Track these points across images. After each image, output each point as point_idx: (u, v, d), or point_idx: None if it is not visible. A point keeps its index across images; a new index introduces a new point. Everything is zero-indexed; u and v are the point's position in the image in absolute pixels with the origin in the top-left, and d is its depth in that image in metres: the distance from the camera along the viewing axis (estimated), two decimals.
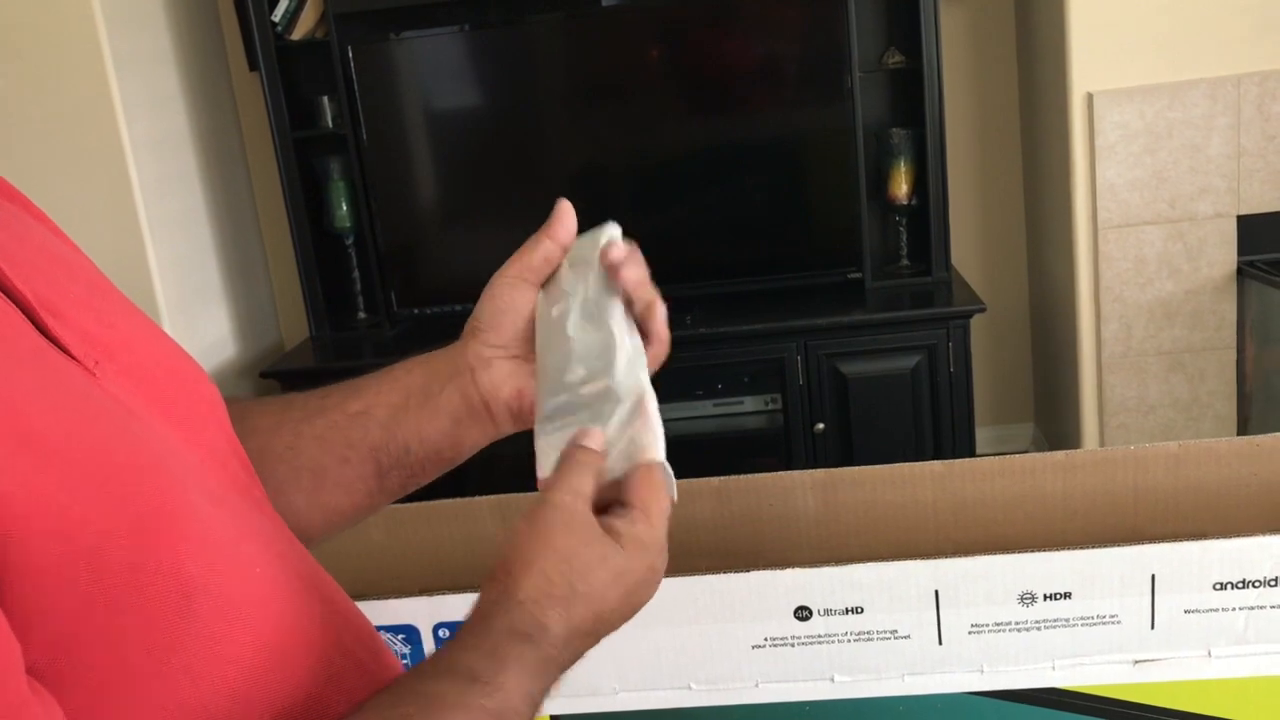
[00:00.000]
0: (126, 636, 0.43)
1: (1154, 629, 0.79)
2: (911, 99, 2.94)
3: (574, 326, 0.63)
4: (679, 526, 0.61)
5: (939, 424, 2.85)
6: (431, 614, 0.86)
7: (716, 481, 0.90)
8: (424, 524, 0.95)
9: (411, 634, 0.87)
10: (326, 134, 3.06)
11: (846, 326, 2.83)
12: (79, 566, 0.41)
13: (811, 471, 0.90)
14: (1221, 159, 2.71)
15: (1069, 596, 0.79)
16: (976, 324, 2.89)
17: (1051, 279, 3.11)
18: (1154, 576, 0.78)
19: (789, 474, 0.89)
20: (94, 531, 0.42)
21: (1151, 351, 2.84)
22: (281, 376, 2.99)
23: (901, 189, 2.98)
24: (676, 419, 2.97)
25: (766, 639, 0.81)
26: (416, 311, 3.07)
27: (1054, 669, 0.80)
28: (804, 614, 0.80)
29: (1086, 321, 2.86)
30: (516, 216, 3.15)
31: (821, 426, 2.87)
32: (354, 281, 3.21)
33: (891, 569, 0.79)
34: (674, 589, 0.81)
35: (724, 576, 0.80)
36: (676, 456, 0.61)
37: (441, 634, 0.87)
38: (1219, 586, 0.77)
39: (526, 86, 3.05)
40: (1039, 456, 0.89)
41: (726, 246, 3.03)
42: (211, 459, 0.55)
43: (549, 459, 0.61)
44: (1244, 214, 2.74)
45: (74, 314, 0.50)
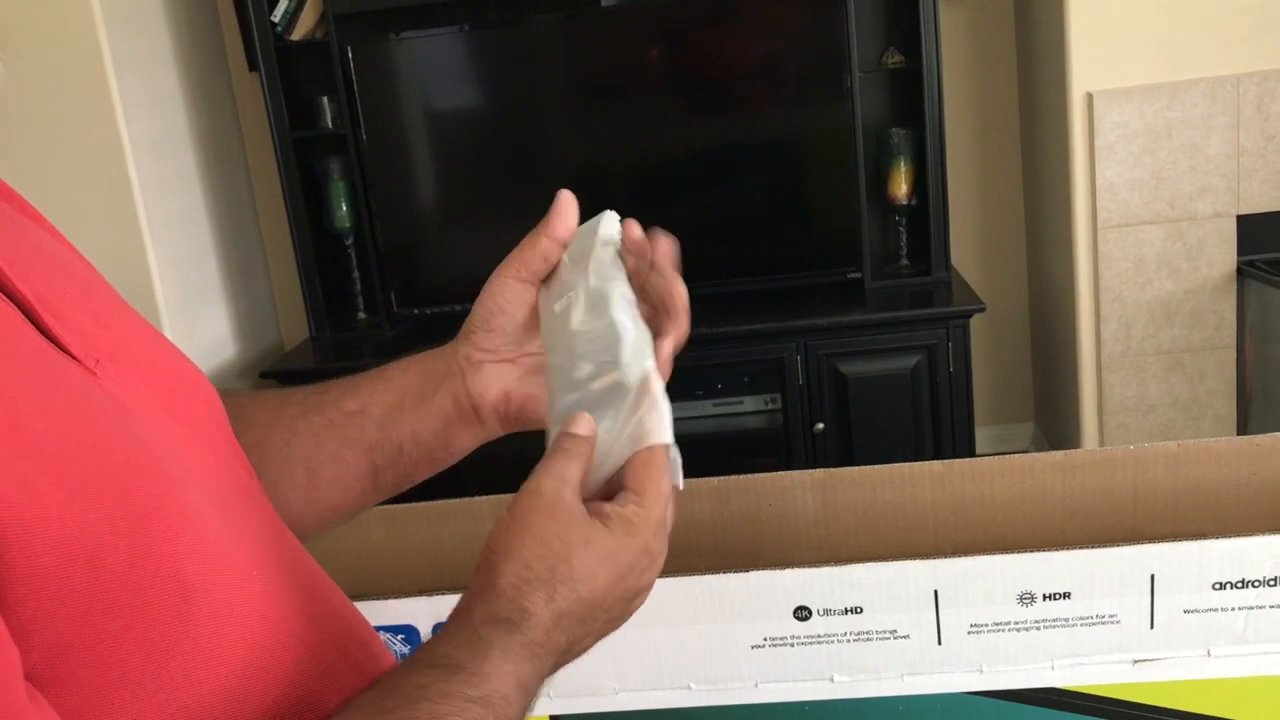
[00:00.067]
0: (124, 639, 0.43)
1: (1153, 629, 0.79)
2: (911, 99, 2.94)
3: (578, 321, 0.62)
4: (678, 526, 0.60)
5: (939, 424, 2.85)
6: (431, 614, 0.86)
7: (716, 481, 0.90)
8: (423, 524, 0.95)
9: (411, 634, 0.87)
10: (326, 134, 3.06)
11: (846, 326, 2.83)
12: (78, 569, 0.41)
13: (811, 471, 0.90)
14: (1221, 159, 2.71)
15: (1068, 596, 0.79)
16: (976, 324, 2.89)
17: (1051, 279, 3.11)
18: (1153, 576, 0.78)
19: (788, 474, 0.89)
20: (93, 534, 0.42)
21: (1151, 351, 2.84)
22: (281, 377, 2.99)
23: (901, 189, 2.98)
24: (676, 419, 2.92)
25: (766, 639, 0.81)
26: (416, 312, 3.07)
27: (1053, 669, 0.80)
28: (803, 614, 0.80)
29: (1086, 321, 2.86)
30: (516, 216, 3.14)
31: (821, 426, 2.87)
32: (354, 282, 3.21)
33: (891, 569, 0.79)
34: (673, 589, 0.81)
35: (723, 576, 0.80)
36: None
37: None
38: (1218, 586, 0.77)
39: (526, 86, 3.05)
40: (1038, 456, 0.89)
41: (726, 246, 3.03)
42: (211, 459, 0.54)
43: None
44: (1243, 214, 2.74)
45: (73, 314, 0.50)
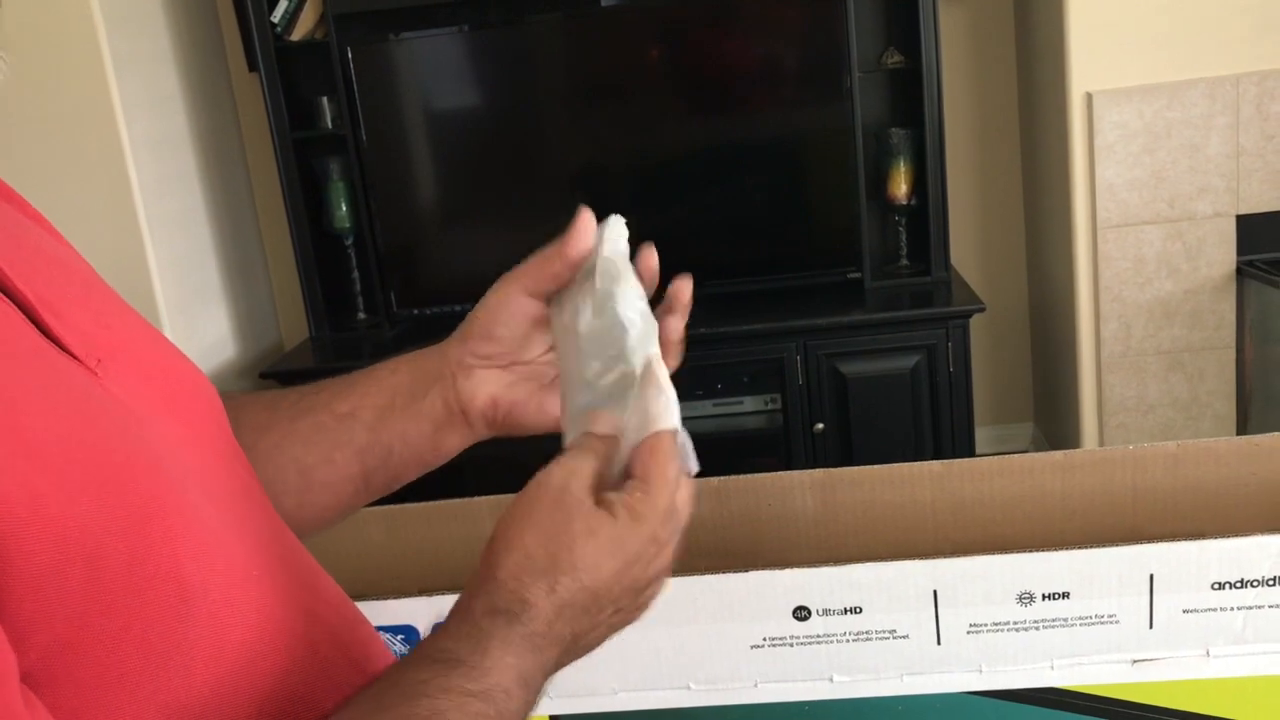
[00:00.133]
0: (123, 639, 0.43)
1: (1152, 629, 0.79)
2: (911, 99, 2.94)
3: (585, 324, 0.63)
4: None
5: (938, 424, 2.85)
6: (431, 614, 0.86)
7: (716, 481, 0.90)
8: (423, 524, 0.95)
9: (410, 634, 0.87)
10: (326, 134, 3.06)
11: (846, 326, 2.83)
12: (76, 569, 0.41)
13: (810, 471, 0.90)
14: (1220, 158, 2.71)
15: (1067, 596, 0.79)
16: (976, 324, 2.89)
17: (1051, 279, 3.11)
18: (1152, 576, 0.78)
19: (788, 474, 0.89)
20: (92, 534, 0.41)
21: (1151, 351, 2.84)
22: (281, 377, 2.99)
23: (901, 189, 2.98)
24: None
25: (765, 639, 0.81)
26: (416, 312, 3.07)
27: (1052, 669, 0.80)
28: (803, 614, 0.80)
29: (1086, 321, 2.86)
30: (516, 216, 3.17)
31: (821, 426, 2.87)
32: (353, 282, 3.21)
33: (890, 569, 0.79)
34: (673, 589, 0.81)
35: (723, 576, 0.80)
36: None
37: None
38: (1217, 586, 0.77)
39: (526, 87, 3.05)
40: (1037, 456, 0.89)
41: (726, 246, 3.03)
42: (211, 458, 0.54)
43: None
44: (1243, 213, 2.74)
45: (74, 314, 0.50)
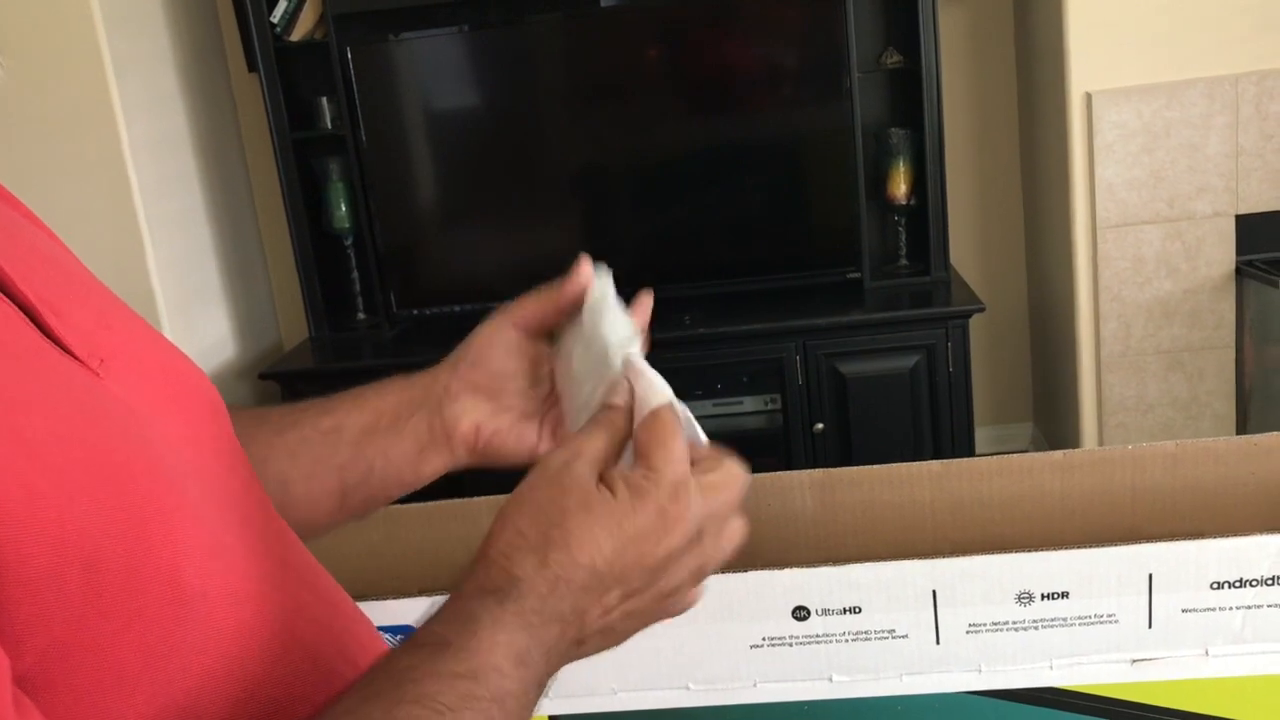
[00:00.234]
0: (121, 641, 0.42)
1: (1151, 628, 0.79)
2: (910, 99, 2.94)
3: (578, 358, 0.65)
4: None
5: (938, 424, 2.85)
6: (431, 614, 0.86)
7: None
8: (423, 524, 0.95)
9: (410, 634, 0.87)
10: (325, 135, 3.06)
11: (845, 326, 2.83)
12: (74, 571, 0.40)
13: (809, 471, 0.90)
14: (1220, 158, 2.71)
15: (1066, 596, 0.79)
16: (975, 324, 2.89)
17: (1050, 279, 3.11)
18: (1151, 576, 0.78)
19: (787, 474, 0.90)
20: (91, 535, 0.41)
21: (1150, 351, 2.84)
22: (280, 377, 2.99)
23: (900, 189, 2.98)
24: None
25: (764, 639, 0.81)
26: (416, 312, 3.07)
27: (1051, 668, 0.80)
28: (802, 614, 0.80)
29: (1085, 321, 2.86)
30: (516, 217, 3.18)
31: (820, 426, 2.87)
32: (353, 282, 3.21)
33: (889, 569, 0.79)
34: None
35: (722, 576, 0.80)
36: None
37: None
38: (1216, 586, 0.77)
39: (526, 87, 3.05)
40: (1036, 456, 0.89)
41: (725, 246, 3.03)
42: (213, 459, 0.54)
43: None
44: (1242, 213, 2.74)
45: (75, 314, 0.50)
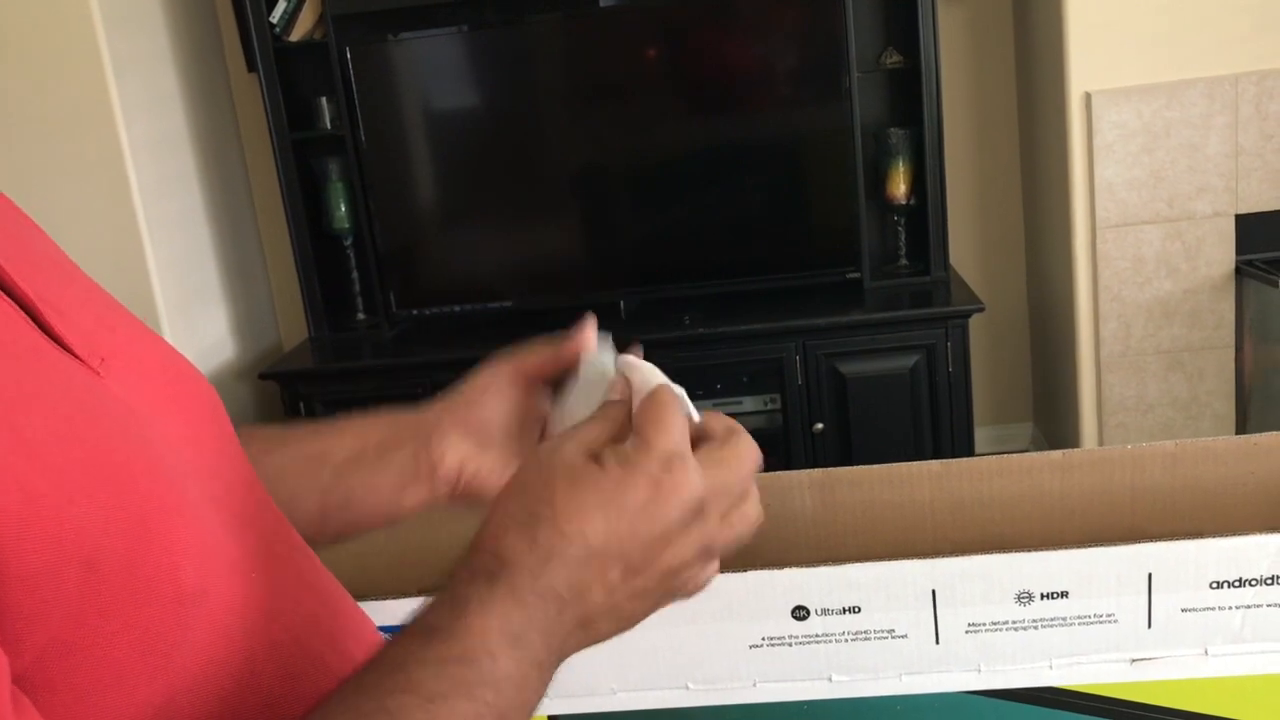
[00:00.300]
0: (120, 640, 0.43)
1: (1151, 628, 0.79)
2: (910, 99, 2.94)
3: (569, 413, 0.66)
4: None
5: (938, 424, 2.85)
6: None
7: None
8: (423, 524, 0.95)
9: (404, 625, 0.86)
10: (325, 135, 3.06)
11: (845, 326, 2.83)
12: (74, 570, 0.40)
13: (809, 471, 0.90)
14: (1219, 158, 2.71)
15: (1066, 596, 0.79)
16: (975, 324, 2.89)
17: (1050, 278, 3.11)
18: (1151, 575, 0.78)
19: (786, 474, 0.89)
20: (90, 534, 0.41)
21: (1150, 351, 2.84)
22: (280, 378, 2.99)
23: (900, 189, 2.98)
24: None
25: (764, 639, 0.81)
26: (415, 312, 3.07)
27: (1051, 668, 0.80)
28: (801, 614, 0.80)
29: (1085, 321, 2.86)
30: (516, 217, 3.18)
31: (820, 426, 2.87)
32: (353, 282, 3.21)
33: (889, 568, 0.79)
34: None
35: (721, 576, 0.80)
36: None
37: None
38: (1216, 585, 0.77)
39: (525, 87, 3.05)
40: (1036, 456, 0.89)
41: (725, 246, 3.03)
42: (214, 458, 0.54)
43: None
44: (1242, 213, 2.74)
45: (76, 314, 0.50)
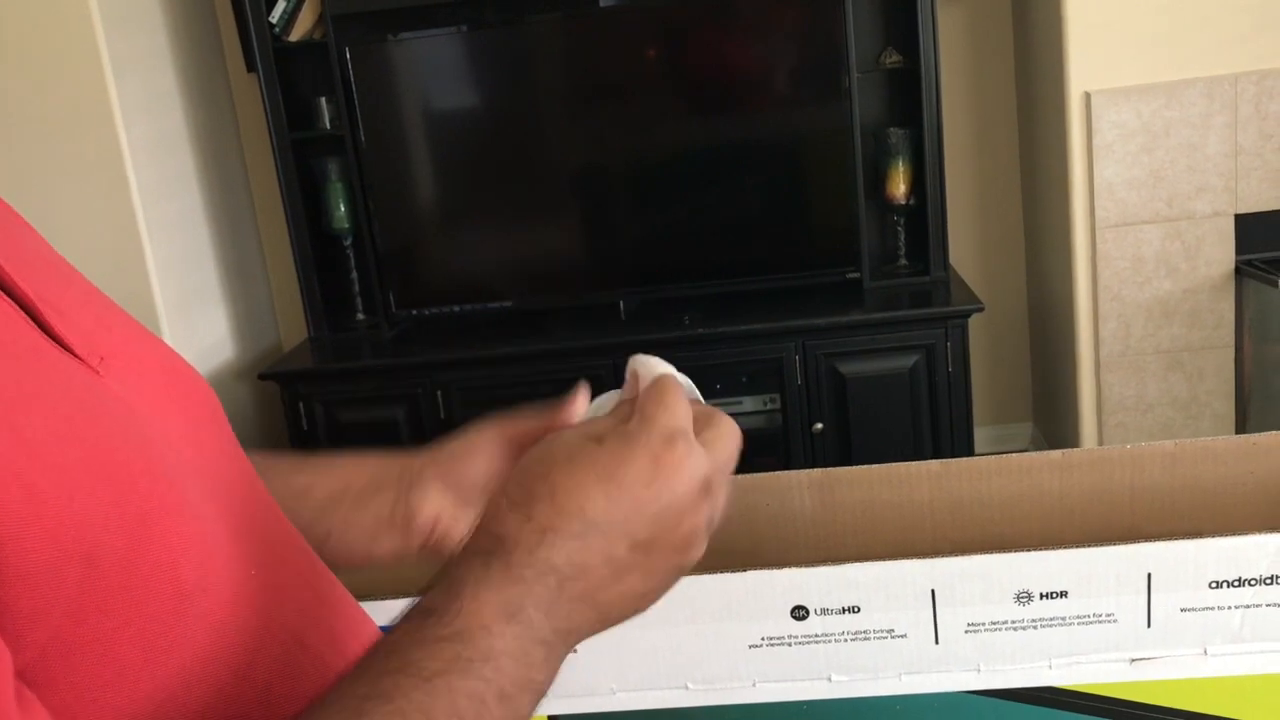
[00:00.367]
0: (120, 637, 0.43)
1: (1150, 627, 0.79)
2: (909, 99, 2.94)
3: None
4: None
5: (937, 424, 2.85)
6: None
7: None
8: None
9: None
10: (324, 135, 3.06)
11: (845, 326, 2.83)
12: (74, 567, 0.41)
13: (808, 471, 0.90)
14: (1219, 158, 2.71)
15: (1065, 595, 0.78)
16: (975, 323, 2.89)
17: (1049, 278, 3.11)
18: (1150, 575, 0.78)
19: (786, 474, 0.89)
20: (90, 531, 0.42)
21: (1150, 350, 2.84)
22: (280, 378, 2.99)
23: (899, 189, 2.98)
24: None
25: (763, 638, 0.81)
26: (415, 312, 3.07)
27: (1050, 668, 0.80)
28: (801, 613, 0.80)
29: (1085, 321, 2.86)
30: (515, 217, 3.18)
31: (820, 426, 2.87)
32: (352, 283, 3.21)
33: (888, 568, 0.79)
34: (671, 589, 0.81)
35: (721, 576, 0.80)
36: None
37: None
38: (1215, 585, 0.77)
39: (525, 87, 3.05)
40: (1035, 456, 0.89)
41: (724, 246, 3.03)
42: (214, 457, 0.55)
43: None
44: (1241, 212, 2.74)
45: (75, 314, 0.50)
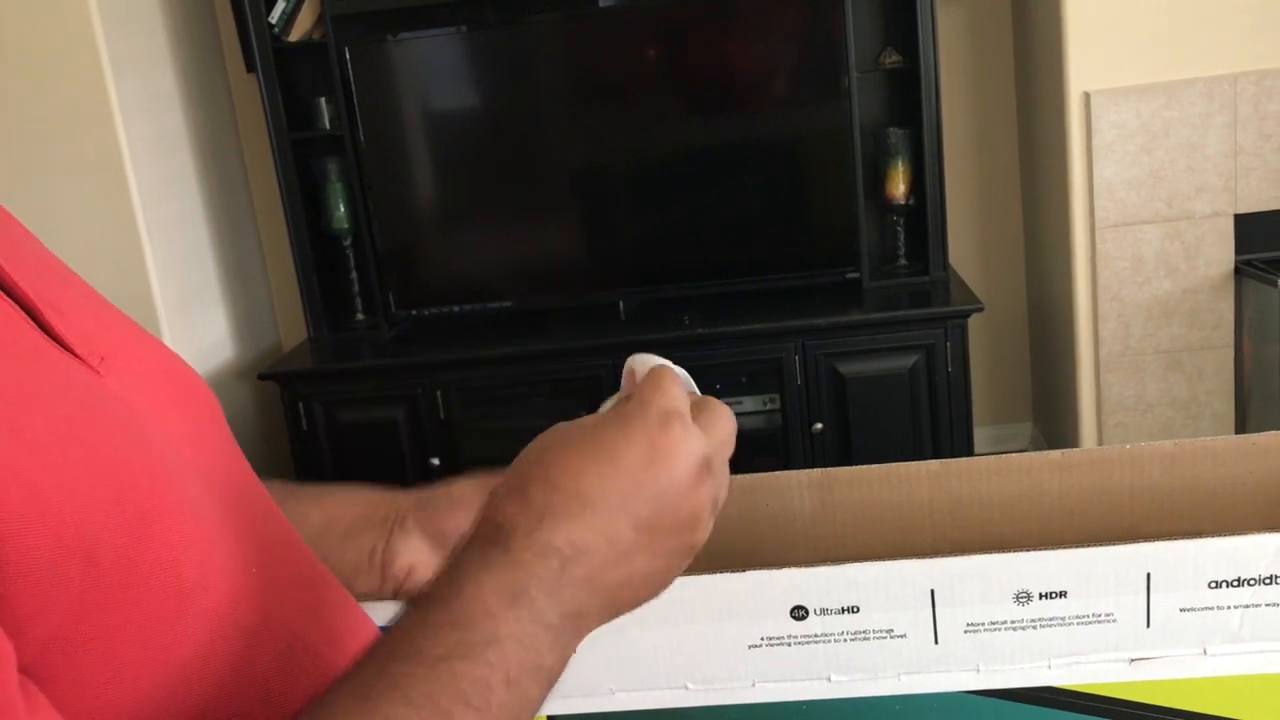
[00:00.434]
0: (120, 634, 0.43)
1: (1150, 627, 0.79)
2: (909, 99, 2.94)
3: None
4: None
5: (937, 424, 2.85)
6: None
7: None
8: None
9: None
10: (324, 135, 3.06)
11: (844, 326, 2.83)
12: (75, 564, 0.41)
13: (808, 471, 0.90)
14: (1218, 158, 2.71)
15: (1065, 595, 0.78)
16: (974, 323, 2.89)
17: (1049, 278, 3.11)
18: (1149, 575, 0.78)
19: (785, 474, 0.89)
20: (90, 528, 0.42)
21: (1149, 350, 2.84)
22: (279, 378, 2.99)
23: (899, 189, 2.98)
24: None
25: (763, 639, 0.81)
26: (415, 313, 3.07)
27: (1050, 668, 0.80)
28: (800, 613, 0.80)
29: (1084, 321, 2.86)
30: (515, 217, 3.18)
31: (820, 426, 2.87)
32: (352, 283, 3.21)
33: (888, 568, 0.79)
34: (670, 589, 0.81)
35: (720, 576, 0.80)
36: None
37: None
38: (1215, 585, 0.77)
39: (524, 87, 3.05)
40: (1035, 456, 0.89)
41: (724, 246, 3.03)
42: (214, 456, 0.55)
43: None
44: (1241, 212, 2.74)
45: (75, 314, 0.50)
